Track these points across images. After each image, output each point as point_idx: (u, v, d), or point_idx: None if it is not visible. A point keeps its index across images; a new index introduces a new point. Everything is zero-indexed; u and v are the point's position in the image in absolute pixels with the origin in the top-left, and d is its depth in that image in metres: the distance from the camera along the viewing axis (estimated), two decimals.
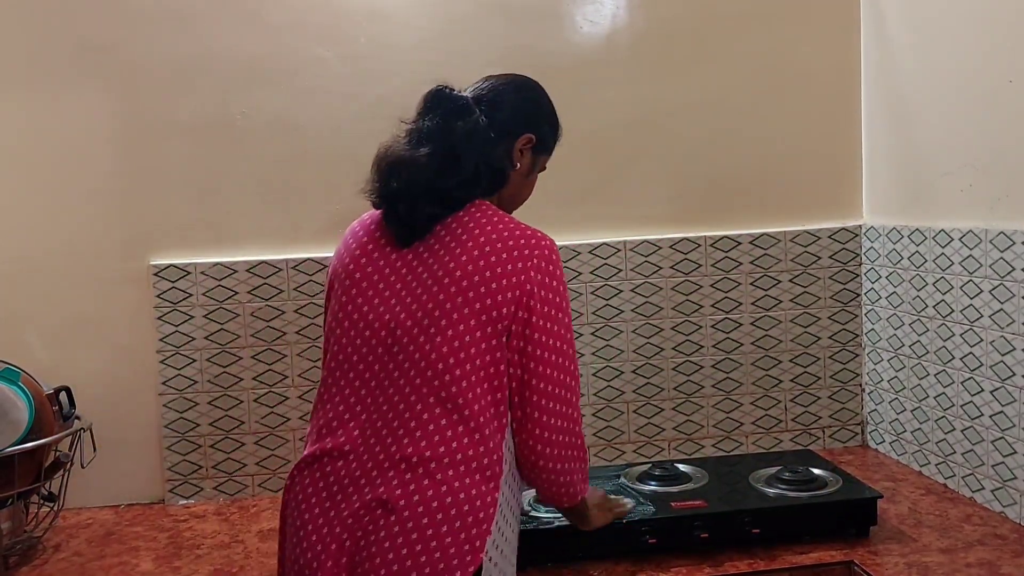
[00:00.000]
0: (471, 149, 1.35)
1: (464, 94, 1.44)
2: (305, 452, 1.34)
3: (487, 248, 1.29)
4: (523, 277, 1.28)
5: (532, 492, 1.86)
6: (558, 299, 1.31)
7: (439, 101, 1.41)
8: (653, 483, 1.91)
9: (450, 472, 1.23)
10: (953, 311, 2.03)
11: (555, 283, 1.31)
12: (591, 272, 2.31)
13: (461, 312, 1.26)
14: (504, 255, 1.29)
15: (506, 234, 1.31)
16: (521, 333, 1.28)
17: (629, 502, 1.68)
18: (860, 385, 2.43)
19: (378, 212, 1.43)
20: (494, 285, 1.27)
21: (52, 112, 2.15)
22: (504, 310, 1.27)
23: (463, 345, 1.26)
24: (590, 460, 1.65)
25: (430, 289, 1.29)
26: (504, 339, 1.28)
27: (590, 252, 2.31)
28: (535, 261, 1.29)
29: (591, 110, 2.29)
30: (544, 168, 1.54)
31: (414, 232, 1.34)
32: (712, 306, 2.37)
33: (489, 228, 1.32)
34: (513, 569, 1.37)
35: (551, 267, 1.31)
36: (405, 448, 1.25)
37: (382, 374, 1.29)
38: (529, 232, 1.33)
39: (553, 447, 1.30)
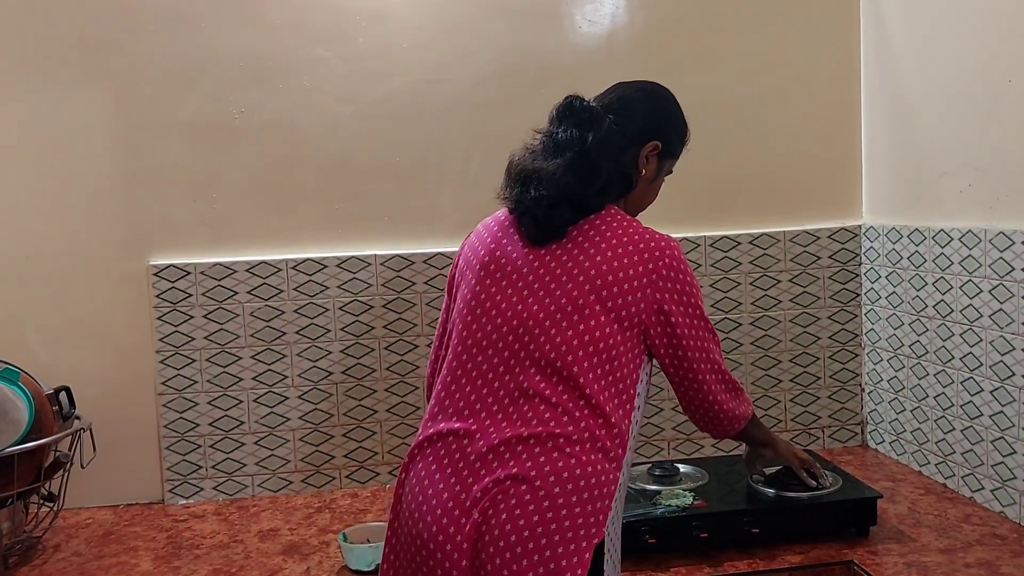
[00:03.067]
0: (604, 158, 1.42)
1: (594, 104, 1.50)
2: (430, 430, 1.38)
3: (619, 250, 1.37)
4: (652, 278, 1.37)
5: None
6: (688, 296, 1.40)
7: (571, 112, 1.47)
8: (653, 483, 1.91)
9: (577, 448, 1.30)
10: (953, 311, 2.03)
11: (685, 282, 1.40)
12: None
13: (593, 308, 1.35)
14: (635, 257, 1.37)
15: (636, 237, 1.39)
16: (666, 334, 1.39)
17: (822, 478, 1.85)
18: (860, 385, 2.43)
19: (506, 211, 1.50)
20: (626, 286, 1.36)
21: (52, 112, 2.15)
22: (632, 309, 1.36)
23: (592, 338, 1.34)
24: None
25: (564, 286, 1.37)
26: (635, 336, 1.37)
27: None
28: (664, 262, 1.38)
29: None
30: (671, 172, 1.60)
31: (551, 235, 1.41)
32: (712, 306, 2.36)
33: (620, 232, 1.40)
34: (619, 556, 1.42)
35: (679, 266, 1.39)
36: (534, 427, 1.31)
37: (511, 360, 1.36)
38: (658, 237, 1.41)
39: (724, 405, 1.48)
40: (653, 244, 1.39)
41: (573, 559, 1.23)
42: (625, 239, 1.39)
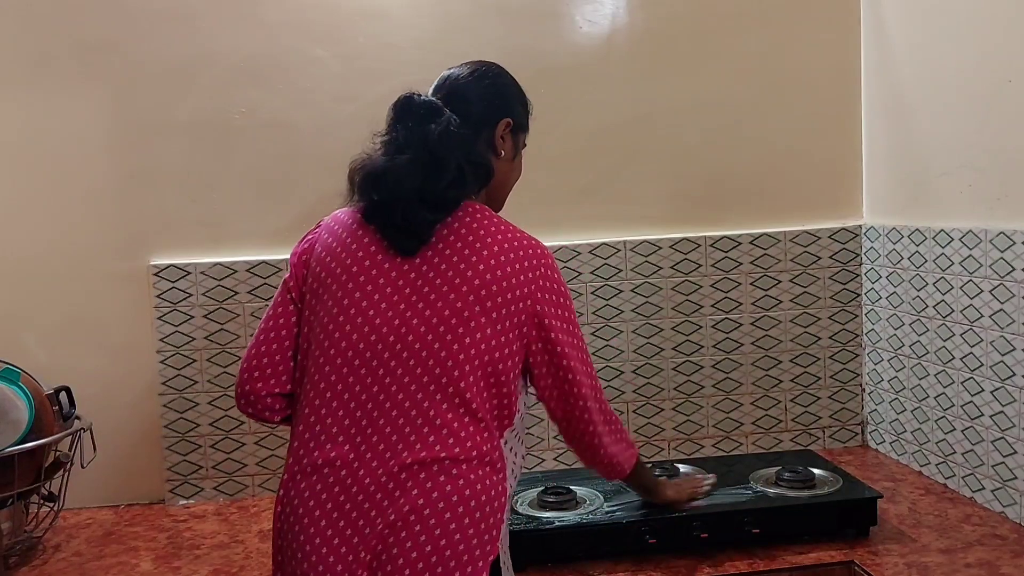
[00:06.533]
0: (449, 149, 1.35)
1: (431, 97, 1.43)
2: (304, 460, 1.30)
3: (501, 257, 1.33)
4: (532, 287, 1.34)
5: (533, 493, 1.86)
6: (563, 302, 1.38)
7: (408, 108, 1.39)
8: None
9: (464, 467, 1.27)
10: (953, 311, 2.03)
11: (558, 287, 1.38)
12: (591, 272, 2.31)
13: (478, 320, 1.30)
14: (516, 265, 1.34)
15: (515, 243, 1.36)
16: (543, 338, 1.35)
17: (710, 480, 1.83)
18: (860, 385, 2.43)
19: (357, 213, 1.41)
20: (509, 296, 1.32)
21: (51, 112, 2.15)
22: (514, 317, 1.32)
23: (478, 351, 1.30)
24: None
25: (446, 296, 1.31)
26: (516, 341, 1.33)
27: (590, 252, 2.31)
28: (541, 271, 1.36)
29: (591, 110, 2.30)
30: (525, 145, 1.55)
31: (419, 240, 1.34)
32: (712, 306, 2.36)
33: (498, 236, 1.35)
34: (510, 562, 1.41)
35: (553, 273, 1.38)
36: (418, 452, 1.26)
37: (387, 378, 1.29)
38: (534, 243, 1.38)
39: (596, 424, 1.42)
40: (531, 251, 1.35)
41: None
42: (505, 245, 1.34)
